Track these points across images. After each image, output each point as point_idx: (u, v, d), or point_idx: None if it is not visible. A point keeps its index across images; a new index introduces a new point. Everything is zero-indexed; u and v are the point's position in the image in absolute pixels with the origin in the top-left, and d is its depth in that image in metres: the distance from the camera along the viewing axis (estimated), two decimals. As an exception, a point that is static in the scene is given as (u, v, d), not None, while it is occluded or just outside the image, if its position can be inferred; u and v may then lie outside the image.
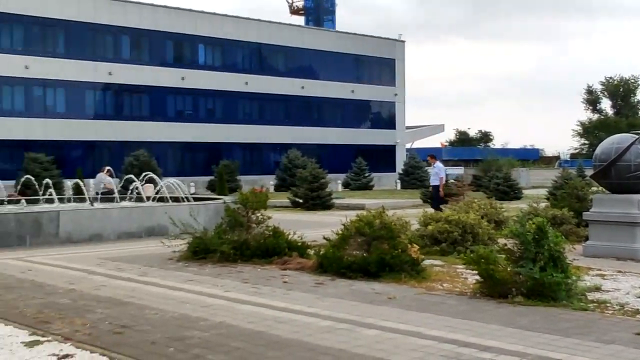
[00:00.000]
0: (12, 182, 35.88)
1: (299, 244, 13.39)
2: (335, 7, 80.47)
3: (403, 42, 72.18)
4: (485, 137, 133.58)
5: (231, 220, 13.42)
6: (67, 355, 6.89)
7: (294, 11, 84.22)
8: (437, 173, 23.68)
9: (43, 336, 7.64)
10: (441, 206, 21.20)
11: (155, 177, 24.83)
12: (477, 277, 9.89)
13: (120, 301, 9.60)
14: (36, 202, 22.66)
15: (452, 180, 30.38)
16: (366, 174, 55.94)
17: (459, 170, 61.10)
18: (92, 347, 7.15)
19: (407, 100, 72.28)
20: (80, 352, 7.01)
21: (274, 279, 11.27)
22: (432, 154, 26.44)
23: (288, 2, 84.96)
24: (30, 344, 7.32)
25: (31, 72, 49.38)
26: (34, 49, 50.07)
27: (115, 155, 47.87)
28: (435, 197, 23.39)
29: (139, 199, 21.93)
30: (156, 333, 7.73)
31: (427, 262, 11.99)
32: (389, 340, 7.34)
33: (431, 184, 24.72)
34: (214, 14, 60.36)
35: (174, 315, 8.67)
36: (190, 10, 58.75)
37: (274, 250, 12.89)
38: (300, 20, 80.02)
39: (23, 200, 22.39)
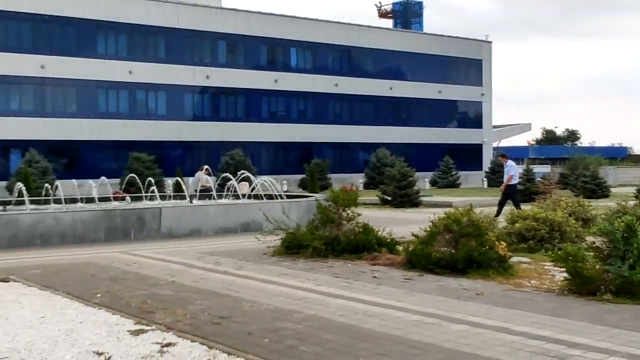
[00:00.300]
0: (118, 180, 37.00)
1: (388, 240, 13.36)
2: (422, 10, 79.66)
3: (490, 42, 71.01)
4: (573, 135, 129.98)
5: (323, 217, 13.47)
6: (169, 344, 7.05)
7: (383, 15, 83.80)
8: (508, 171, 23.27)
9: (147, 325, 7.82)
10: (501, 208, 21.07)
11: (250, 175, 25.10)
12: (565, 275, 9.69)
13: (218, 293, 9.75)
14: (139, 199, 23.27)
15: (539, 179, 29.80)
16: (453, 173, 55.36)
17: (546, 169, 59.86)
18: (192, 336, 7.28)
19: (493, 99, 71.24)
20: (182, 341, 7.15)
21: (364, 274, 11.27)
22: (504, 153, 25.99)
23: (377, 6, 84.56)
24: (136, 333, 7.51)
25: (135, 77, 50.72)
26: (137, 55, 51.40)
27: (212, 155, 48.66)
28: (512, 195, 22.94)
29: (235, 196, 22.24)
30: (252, 324, 7.83)
31: (514, 259, 11.80)
32: (476, 335, 7.26)
33: (505, 182, 24.31)
34: (306, 18, 60.66)
35: (269, 307, 8.76)
36: (282, 15, 59.22)
37: (363, 246, 12.89)
38: (388, 23, 79.59)
39: (128, 197, 22.98)
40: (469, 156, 65.30)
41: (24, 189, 19.64)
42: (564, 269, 9.62)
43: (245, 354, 6.62)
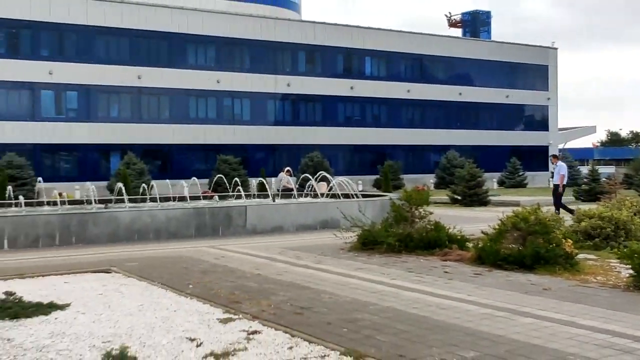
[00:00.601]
0: (206, 181, 37.66)
1: (459, 237, 13.22)
2: (490, 19, 78.60)
3: (555, 49, 69.51)
4: (637, 137, 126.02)
5: (396, 215, 13.43)
6: (255, 332, 7.13)
7: (452, 24, 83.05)
8: (558, 172, 22.71)
9: (235, 314, 7.94)
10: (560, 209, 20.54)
11: (328, 176, 25.21)
12: (631, 271, 9.42)
13: (299, 285, 9.81)
14: (226, 198, 23.60)
15: (604, 179, 28.97)
16: (520, 173, 54.39)
17: (610, 169, 58.13)
18: (276, 325, 7.35)
19: (559, 103, 69.74)
20: (267, 329, 7.23)
21: (436, 269, 11.18)
22: (555, 154, 25.43)
23: (447, 16, 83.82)
24: (224, 321, 7.63)
25: (222, 86, 51.55)
26: (223, 65, 52.20)
27: (293, 157, 49.04)
28: (556, 195, 22.41)
29: (314, 195, 22.35)
30: (331, 315, 7.85)
31: (580, 256, 11.49)
32: (544, 328, 7.12)
33: (553, 182, 23.72)
34: (379, 29, 60.63)
35: (347, 299, 8.77)
36: (358, 27, 59.32)
37: (435, 242, 12.79)
38: (457, 32, 78.83)
39: (216, 197, 23.33)
40: (535, 157, 64.00)
41: (123, 188, 20.21)
42: (630, 266, 9.37)
43: (325, 342, 6.65)
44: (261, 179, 26.70)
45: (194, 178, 28.86)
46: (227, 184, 24.89)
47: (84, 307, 8.45)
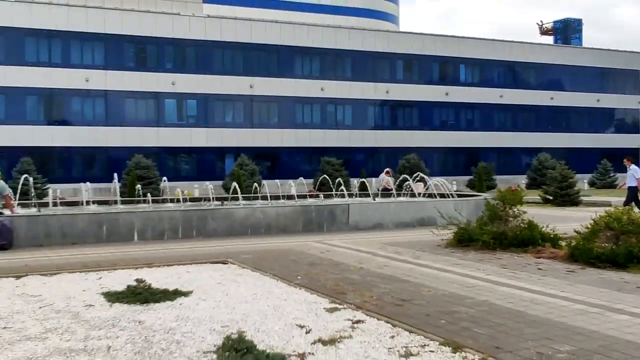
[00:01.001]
0: (311, 181, 38.01)
1: (552, 235, 12.79)
2: (581, 26, 76.02)
3: (646, 54, 66.47)
4: None
5: (491, 214, 13.15)
6: (359, 321, 7.11)
7: (544, 32, 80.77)
8: (633, 175, 21.49)
9: (340, 304, 7.93)
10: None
11: (425, 176, 24.98)
12: None
13: (399, 279, 9.72)
14: (330, 196, 23.71)
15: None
16: (611, 174, 52.12)
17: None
18: (378, 315, 7.32)
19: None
20: (370, 319, 7.19)
21: (529, 266, 10.86)
22: (629, 156, 24.01)
23: (538, 25, 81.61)
24: (331, 310, 7.64)
25: (326, 93, 51.98)
26: (327, 74, 52.58)
27: (391, 159, 48.91)
28: (631, 198, 21.22)
29: (412, 195, 22.18)
30: (430, 307, 7.75)
31: (674, 255, 10.92)
32: (638, 325, 6.79)
33: (627, 184, 22.41)
34: (473, 38, 59.54)
35: (444, 293, 8.63)
36: (453, 36, 58.54)
37: (528, 240, 12.43)
38: (549, 39, 76.55)
39: (321, 195, 23.48)
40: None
41: (237, 187, 20.65)
42: None
43: (425, 332, 6.57)
44: (362, 179, 26.70)
45: (301, 178, 29.19)
46: (331, 184, 25.06)
47: (205, 295, 8.65)
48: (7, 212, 14.80)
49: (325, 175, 29.32)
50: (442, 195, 20.96)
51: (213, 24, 50.06)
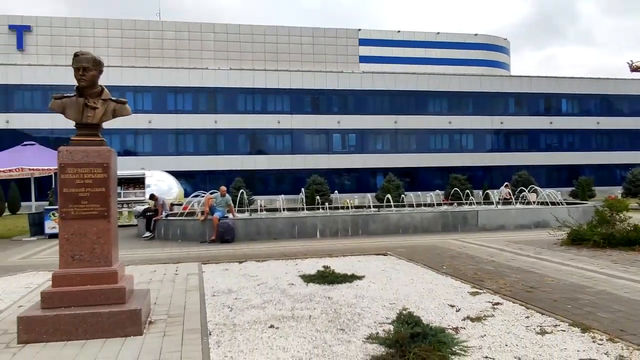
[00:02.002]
0: (442, 192, 36.95)
1: (655, 237, 11.43)
2: (668, 63, 68.16)
3: None
4: None
5: (600, 218, 11.98)
6: (497, 303, 6.74)
7: (634, 69, 72.98)
8: None
9: (480, 289, 7.56)
10: None
11: (538, 188, 23.43)
12: None
13: (525, 270, 9.09)
14: (460, 204, 22.88)
15: None
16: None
17: None
18: (512, 299, 6.88)
19: None
20: (506, 302, 6.79)
21: (638, 262, 9.74)
22: None
23: (629, 64, 73.95)
24: (473, 294, 7.31)
25: (453, 125, 50.69)
26: (454, 110, 51.25)
27: (505, 175, 46.51)
28: None
29: (527, 203, 20.88)
30: (555, 294, 7.15)
31: None
32: None
33: None
34: (572, 77, 55.36)
35: (566, 282, 7.93)
36: (555, 77, 54.77)
37: (635, 240, 11.15)
38: (639, 75, 69.42)
39: (455, 204, 22.74)
40: None
41: (390, 198, 20.49)
42: None
43: (555, 315, 6.07)
44: (486, 191, 25.52)
45: (437, 190, 28.55)
46: (461, 195, 24.21)
47: (374, 279, 8.58)
48: (230, 216, 15.61)
49: (456, 188, 28.34)
50: (553, 204, 19.52)
51: (367, 77, 50.49)
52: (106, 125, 6.06)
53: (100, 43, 48.01)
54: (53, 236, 16.66)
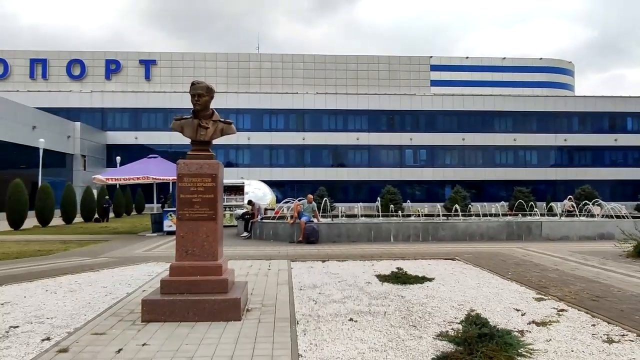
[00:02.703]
0: (507, 204, 35.19)
1: None
2: None
3: None
4: None
5: (667, 233, 10.87)
6: (562, 310, 6.26)
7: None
8: None
9: (544, 296, 7.06)
10: None
11: (602, 202, 21.67)
12: None
13: (590, 279, 8.36)
14: (525, 215, 21.65)
15: None
16: None
17: None
18: (577, 307, 6.36)
19: None
20: (571, 309, 6.28)
21: None
22: None
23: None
24: (538, 300, 6.84)
25: (517, 142, 48.38)
26: (518, 129, 48.88)
27: (568, 189, 43.51)
28: None
29: (591, 215, 19.36)
30: (622, 304, 6.50)
31: None
32: None
33: None
34: (637, 97, 51.08)
35: (632, 293, 7.20)
36: (620, 96, 50.78)
37: None
38: None
39: (519, 215, 21.57)
40: None
41: (458, 207, 19.79)
42: None
43: (622, 324, 5.54)
44: (549, 203, 23.99)
45: (503, 202, 27.24)
46: (525, 206, 22.90)
47: (443, 281, 8.29)
48: (315, 220, 15.73)
49: (520, 200, 26.84)
50: (617, 217, 17.96)
51: (437, 99, 49.42)
52: (214, 142, 6.34)
53: (209, 73, 50.55)
54: (170, 233, 17.59)
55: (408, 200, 28.50)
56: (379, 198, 24.12)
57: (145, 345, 4.78)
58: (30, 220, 23.48)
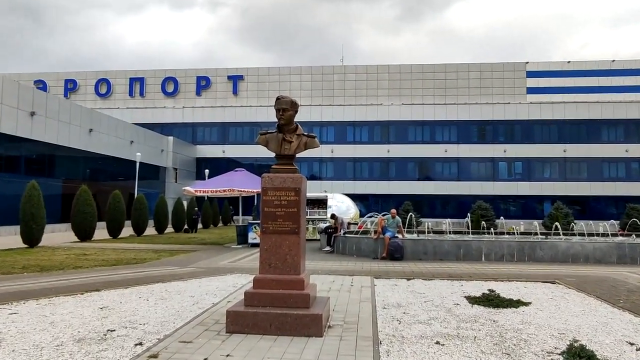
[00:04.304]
0: (617, 222, 32.36)
1: None
2: None
3: None
4: None
5: None
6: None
7: None
8: None
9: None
10: None
11: None
12: None
13: None
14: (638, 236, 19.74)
15: None
16: None
17: None
18: None
19: None
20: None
21: None
22: None
23: None
24: (656, 332, 6.19)
25: (629, 154, 44.34)
26: (632, 139, 44.95)
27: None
28: None
29: None
30: None
31: None
32: None
33: None
34: None
35: None
36: None
37: None
38: None
39: (633, 235, 19.67)
40: None
41: (559, 225, 18.53)
42: None
43: None
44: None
45: (612, 221, 25.10)
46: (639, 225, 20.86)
47: (541, 306, 7.77)
48: (400, 236, 15.53)
49: (634, 219, 24.50)
50: None
51: (534, 107, 46.95)
52: (298, 155, 6.50)
53: (294, 86, 52.12)
54: (254, 245, 18.25)
55: (501, 217, 27.19)
56: (468, 214, 23.29)
57: (229, 357, 4.97)
58: (127, 230, 25.50)
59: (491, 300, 7.84)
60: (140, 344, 5.44)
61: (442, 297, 8.39)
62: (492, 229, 21.47)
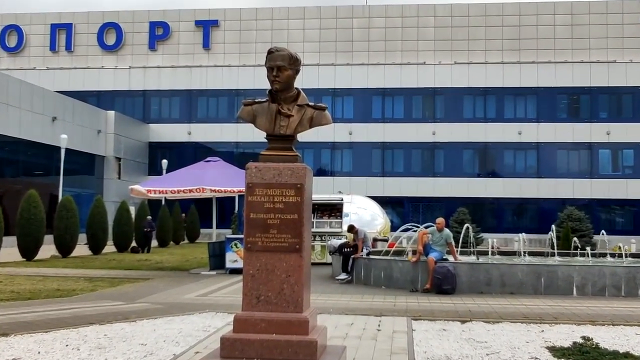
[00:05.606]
0: None
1: None
2: None
3: None
4: None
5: None
6: None
7: None
8: None
9: None
10: None
11: None
12: None
13: None
14: None
15: None
16: None
17: None
18: None
19: None
20: None
21: None
22: None
23: None
24: None
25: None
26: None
27: None
28: None
29: None
30: None
31: None
32: None
33: None
34: None
35: None
36: None
37: None
38: None
39: None
40: None
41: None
42: None
43: None
44: None
45: None
46: None
47: (660, 362, 7.80)
48: (451, 258, 15.52)
49: None
50: None
51: (653, 68, 46.67)
52: (299, 137, 6.50)
53: (295, 37, 52.02)
54: (234, 271, 18.33)
55: (603, 232, 27.07)
56: (553, 226, 23.22)
57: None
58: (47, 247, 25.71)
59: (586, 353, 7.91)
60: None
61: (514, 348, 8.45)
62: (588, 248, 21.43)
